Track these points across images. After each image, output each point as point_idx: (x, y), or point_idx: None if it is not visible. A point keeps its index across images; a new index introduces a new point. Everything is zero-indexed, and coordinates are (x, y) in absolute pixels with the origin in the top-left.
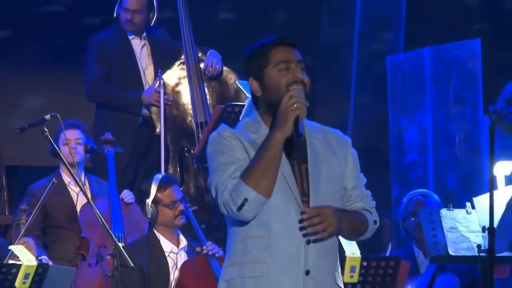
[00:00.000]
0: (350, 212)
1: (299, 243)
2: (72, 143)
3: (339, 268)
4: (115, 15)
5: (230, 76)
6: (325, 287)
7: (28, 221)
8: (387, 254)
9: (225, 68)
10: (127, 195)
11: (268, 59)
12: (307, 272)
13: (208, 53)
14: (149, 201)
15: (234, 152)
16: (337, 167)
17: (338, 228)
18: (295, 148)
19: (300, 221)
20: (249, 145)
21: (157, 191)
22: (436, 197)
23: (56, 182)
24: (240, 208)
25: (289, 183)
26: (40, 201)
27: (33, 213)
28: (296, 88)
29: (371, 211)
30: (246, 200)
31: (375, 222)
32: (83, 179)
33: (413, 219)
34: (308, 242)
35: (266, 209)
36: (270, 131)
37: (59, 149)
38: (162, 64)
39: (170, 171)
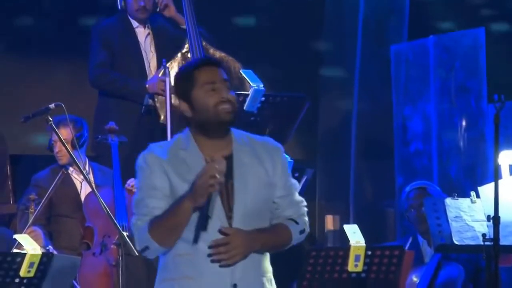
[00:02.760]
0: (269, 231)
1: None
2: (56, 146)
3: (269, 273)
4: (119, 7)
5: (235, 65)
6: None
7: (37, 211)
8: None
9: (229, 58)
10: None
11: (193, 81)
12: (234, 286)
13: None
14: None
15: (153, 179)
16: (265, 177)
17: (249, 252)
18: (201, 224)
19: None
20: (174, 164)
21: None
22: (437, 188)
23: (65, 172)
24: (142, 251)
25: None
26: (49, 191)
27: (42, 202)
28: (215, 161)
29: (299, 220)
30: (147, 247)
31: (301, 231)
32: (87, 168)
33: (413, 211)
34: None
35: (191, 228)
36: (184, 196)
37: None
38: (165, 53)
39: None
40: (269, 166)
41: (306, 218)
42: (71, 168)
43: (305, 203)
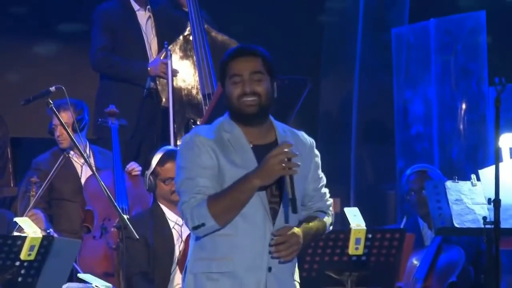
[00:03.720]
0: (314, 227)
1: (263, 241)
2: (57, 130)
3: (296, 264)
4: None
5: None
6: (284, 282)
7: (38, 194)
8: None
9: (231, 41)
10: (135, 166)
11: (226, 71)
12: (269, 269)
13: None
14: (148, 172)
15: (202, 159)
16: (303, 169)
17: (302, 247)
18: (290, 205)
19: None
20: (221, 146)
21: (157, 164)
22: (437, 171)
23: (67, 155)
24: (195, 228)
25: None
26: (50, 175)
27: (43, 186)
28: (286, 145)
29: (328, 211)
30: (203, 224)
31: (331, 224)
32: (87, 151)
33: (414, 194)
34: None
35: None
36: (251, 174)
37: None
38: (166, 36)
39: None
40: (306, 159)
41: (332, 210)
42: (71, 152)
43: (328, 194)
